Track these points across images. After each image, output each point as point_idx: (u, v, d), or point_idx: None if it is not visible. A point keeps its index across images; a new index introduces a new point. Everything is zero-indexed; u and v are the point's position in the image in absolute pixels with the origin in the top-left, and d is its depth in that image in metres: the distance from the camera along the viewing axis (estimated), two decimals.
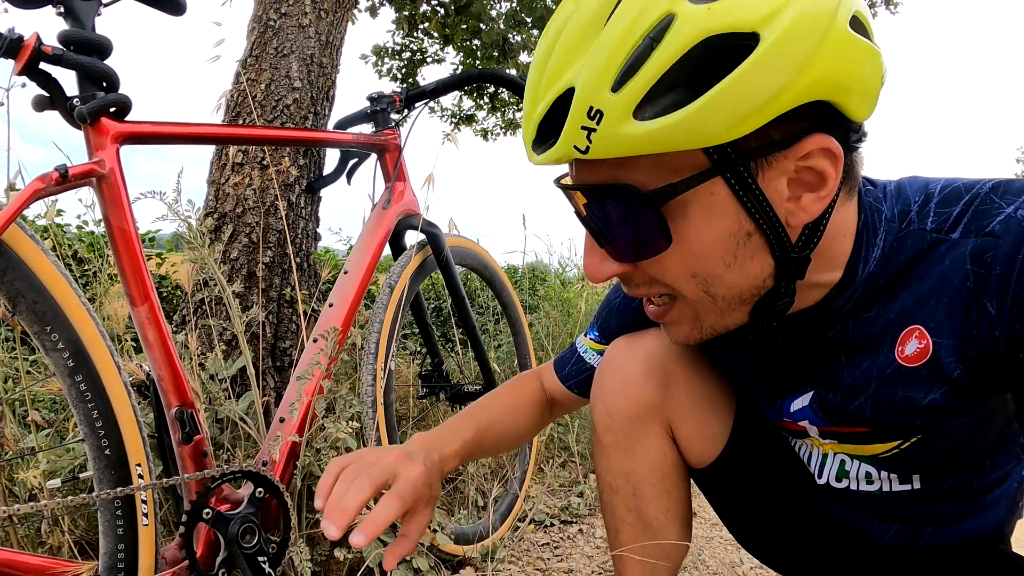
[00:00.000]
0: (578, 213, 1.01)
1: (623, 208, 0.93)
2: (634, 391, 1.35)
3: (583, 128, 0.84)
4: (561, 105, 0.88)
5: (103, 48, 1.55)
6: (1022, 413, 0.96)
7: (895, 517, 1.28)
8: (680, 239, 0.93)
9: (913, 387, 1.06)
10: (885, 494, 1.26)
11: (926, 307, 1.01)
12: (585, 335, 1.57)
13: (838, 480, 1.30)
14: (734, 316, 1.04)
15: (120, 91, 1.58)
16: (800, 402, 1.22)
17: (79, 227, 4.64)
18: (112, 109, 1.56)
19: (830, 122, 0.89)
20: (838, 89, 0.85)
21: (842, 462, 1.28)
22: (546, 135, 0.92)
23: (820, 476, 1.33)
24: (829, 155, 0.89)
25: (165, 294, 4.72)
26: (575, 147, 0.86)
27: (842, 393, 1.14)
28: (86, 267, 2.72)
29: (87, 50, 1.54)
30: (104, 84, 1.56)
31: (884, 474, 1.24)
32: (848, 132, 0.92)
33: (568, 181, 1.01)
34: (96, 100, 1.53)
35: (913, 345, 1.03)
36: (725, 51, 0.80)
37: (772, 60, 0.79)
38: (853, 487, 1.28)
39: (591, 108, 0.83)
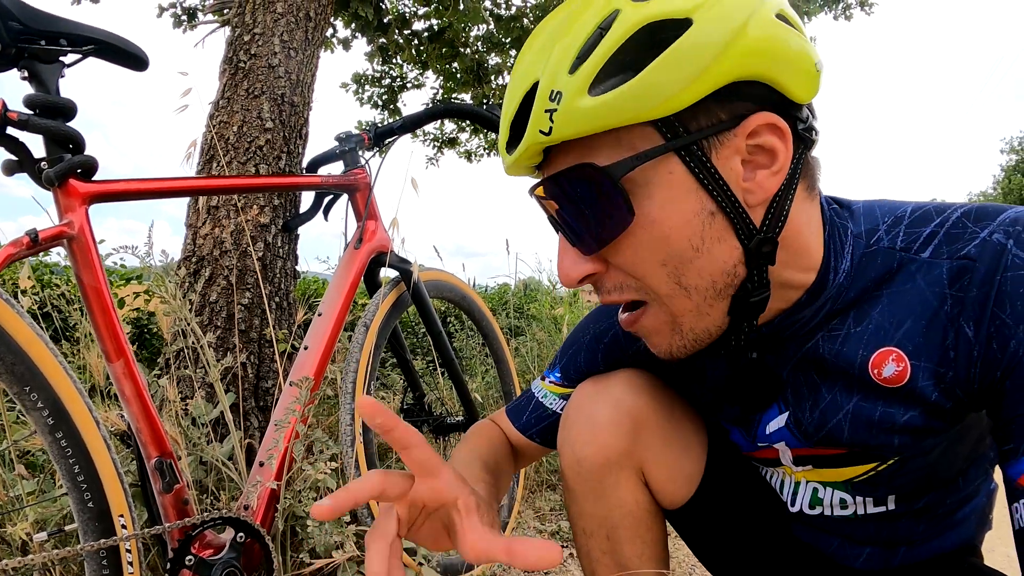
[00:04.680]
0: (550, 217, 1.06)
1: (585, 188, 0.95)
2: (604, 439, 1.30)
3: (546, 111, 0.91)
4: (529, 102, 0.95)
5: (68, 110, 1.59)
6: (996, 429, 0.96)
7: (868, 540, 1.29)
8: (646, 219, 0.95)
9: (891, 408, 1.07)
10: (860, 517, 1.26)
11: (902, 328, 1.03)
12: (543, 378, 1.52)
13: (811, 508, 1.30)
14: (713, 315, 1.02)
15: (87, 152, 1.62)
16: (776, 423, 1.22)
17: (67, 267, 4.67)
18: (79, 171, 1.60)
19: (774, 104, 0.94)
20: (771, 67, 0.91)
21: (815, 490, 1.28)
22: (517, 134, 0.98)
23: (793, 505, 1.32)
24: (775, 131, 0.94)
25: (156, 330, 4.74)
26: (540, 131, 0.93)
27: (819, 412, 1.14)
28: (73, 307, 2.74)
29: (52, 113, 1.57)
30: (71, 146, 1.59)
31: (859, 499, 1.24)
32: (795, 117, 0.97)
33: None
34: (63, 163, 1.56)
35: (891, 368, 1.04)
36: (663, 36, 0.88)
37: (703, 36, 0.88)
38: (827, 513, 1.29)
39: (552, 91, 0.91)
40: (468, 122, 10.73)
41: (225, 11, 6.14)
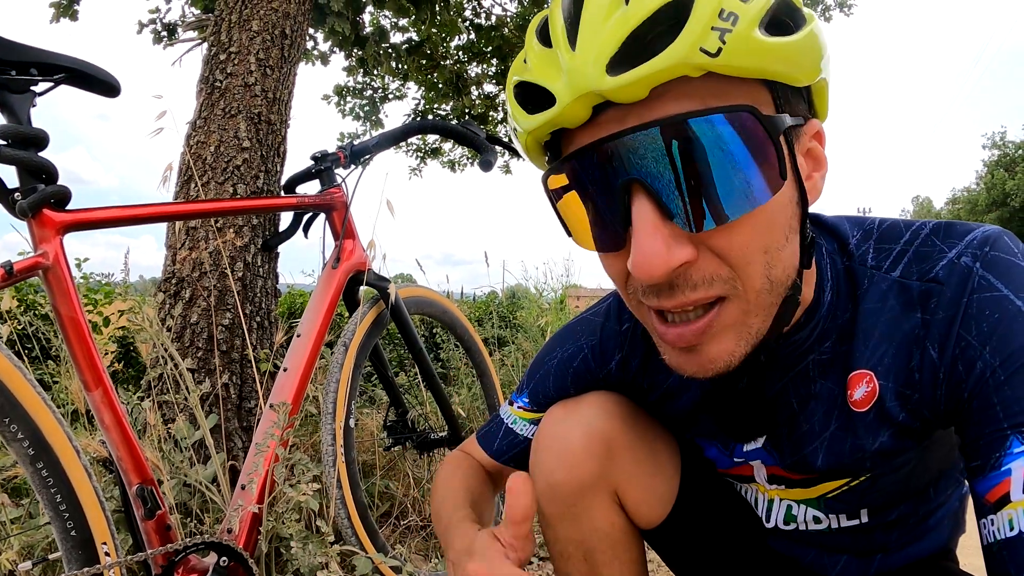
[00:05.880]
0: (627, 182, 0.85)
1: (734, 138, 0.81)
2: (575, 464, 1.28)
3: (714, 29, 0.77)
4: (668, 15, 0.80)
5: (40, 141, 1.58)
6: (964, 447, 0.96)
7: (843, 549, 1.30)
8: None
9: (861, 433, 1.07)
10: (834, 530, 1.27)
11: (877, 352, 1.03)
12: (511, 403, 1.48)
13: (786, 524, 1.31)
14: (771, 313, 0.95)
15: (73, 169, 1.62)
16: (754, 444, 1.22)
17: None
18: (52, 200, 1.59)
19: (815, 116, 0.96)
20: (824, 85, 0.93)
21: (788, 507, 1.29)
22: (632, 53, 0.80)
23: (768, 520, 1.33)
24: (822, 139, 0.94)
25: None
26: (701, 48, 0.77)
27: (796, 437, 1.14)
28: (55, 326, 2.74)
29: (24, 144, 1.57)
30: (43, 176, 1.59)
31: (832, 516, 1.25)
32: None
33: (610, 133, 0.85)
34: (36, 193, 1.56)
35: (862, 389, 1.05)
36: (793, 16, 0.86)
37: (819, 31, 0.87)
38: (802, 528, 1.30)
39: (723, 10, 0.78)
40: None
41: (204, 28, 6.13)
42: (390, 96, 9.86)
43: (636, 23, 0.80)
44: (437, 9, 6.66)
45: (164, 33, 7.41)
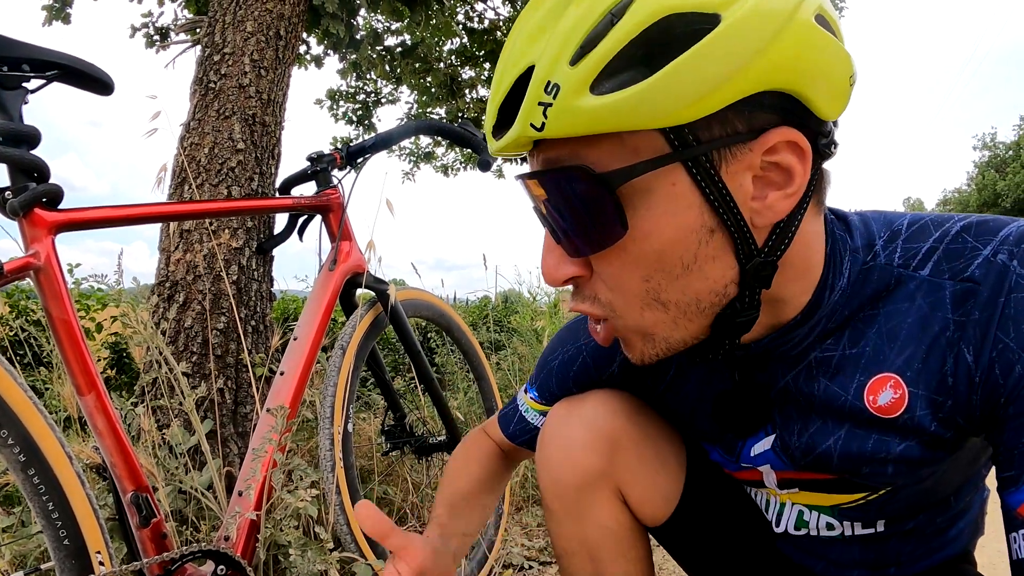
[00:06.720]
0: (537, 209, 0.97)
1: (578, 191, 0.87)
2: (578, 460, 1.29)
3: (540, 104, 0.82)
4: (522, 86, 0.85)
5: (32, 138, 1.55)
6: (997, 455, 0.92)
7: (855, 563, 1.26)
8: (639, 232, 0.87)
9: (886, 437, 1.02)
10: (847, 538, 1.23)
11: (903, 354, 0.98)
12: (525, 391, 1.51)
13: (796, 529, 1.27)
14: (691, 328, 0.96)
15: (61, 175, 1.58)
16: (761, 446, 1.18)
17: None
18: (44, 200, 1.56)
19: (798, 118, 0.86)
20: (802, 80, 0.83)
21: (800, 513, 1.25)
22: (506, 120, 0.89)
23: (778, 525, 1.30)
24: (796, 149, 0.86)
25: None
26: (531, 125, 0.83)
27: (808, 436, 1.09)
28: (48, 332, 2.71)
29: (16, 141, 1.53)
30: (35, 175, 1.55)
31: (846, 523, 1.22)
32: (817, 133, 0.89)
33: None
34: (28, 192, 1.52)
35: (887, 395, 1.00)
36: (685, 31, 0.78)
37: (730, 40, 0.78)
38: (813, 533, 1.26)
39: (548, 83, 0.81)
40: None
41: (197, 30, 6.11)
42: (383, 100, 9.86)
43: (500, 98, 0.90)
44: (431, 12, 6.64)
45: (157, 37, 7.39)
